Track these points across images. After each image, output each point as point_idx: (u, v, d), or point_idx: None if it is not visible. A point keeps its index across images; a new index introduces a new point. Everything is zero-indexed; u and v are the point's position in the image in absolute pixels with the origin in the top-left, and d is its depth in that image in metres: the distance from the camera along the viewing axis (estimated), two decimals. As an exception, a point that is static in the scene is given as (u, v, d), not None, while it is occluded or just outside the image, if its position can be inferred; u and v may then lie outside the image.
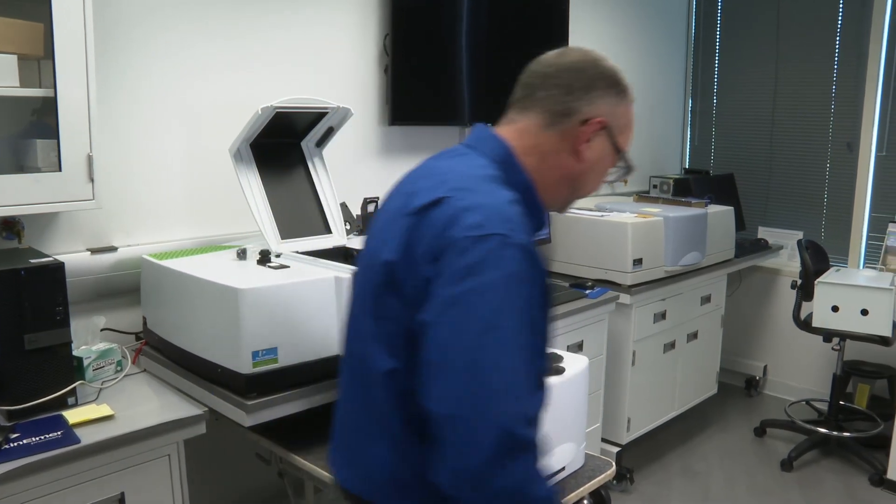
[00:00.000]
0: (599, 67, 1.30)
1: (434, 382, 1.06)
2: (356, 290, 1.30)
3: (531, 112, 1.30)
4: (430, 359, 1.07)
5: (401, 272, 1.13)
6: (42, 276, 1.81)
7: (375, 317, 1.19)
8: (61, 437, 1.70)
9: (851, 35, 4.29)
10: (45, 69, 1.99)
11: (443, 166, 1.26)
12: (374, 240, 1.25)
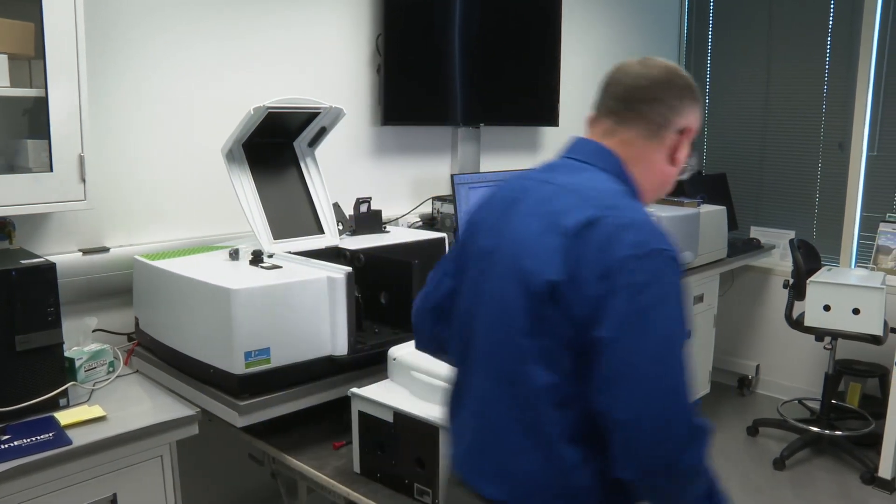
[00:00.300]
0: (685, 79, 1.41)
1: (621, 391, 1.15)
2: (488, 308, 1.32)
3: (632, 124, 1.38)
4: (615, 371, 1.16)
5: (567, 292, 1.19)
6: (33, 277, 1.81)
7: (532, 334, 1.24)
8: (53, 438, 1.70)
9: (842, 35, 4.31)
10: (36, 69, 1.98)
11: (575, 183, 1.32)
12: (514, 259, 1.28)
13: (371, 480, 1.83)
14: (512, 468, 1.28)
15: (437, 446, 1.66)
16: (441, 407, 1.57)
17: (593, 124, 1.44)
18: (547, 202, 1.30)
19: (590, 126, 1.45)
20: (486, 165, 3.66)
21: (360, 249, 2.34)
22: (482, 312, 1.34)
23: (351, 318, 1.98)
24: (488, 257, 1.35)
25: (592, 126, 1.44)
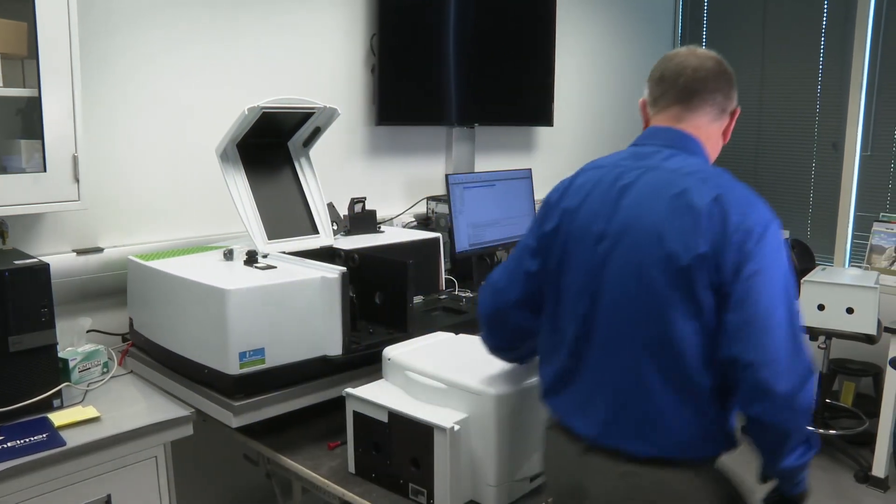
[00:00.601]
0: (729, 68, 1.62)
1: (756, 337, 1.34)
2: (623, 287, 1.45)
3: (699, 111, 1.57)
4: (751, 321, 1.35)
5: (708, 263, 1.37)
6: (27, 278, 1.80)
7: (677, 305, 1.39)
8: (47, 439, 1.70)
9: (836, 36, 4.32)
10: (29, 69, 1.98)
11: (684, 167, 1.48)
12: (651, 239, 1.42)
13: (366, 480, 1.82)
14: (663, 424, 1.43)
15: (431, 446, 1.66)
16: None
17: (660, 112, 1.60)
18: (666, 186, 1.45)
19: (654, 114, 1.62)
20: (480, 165, 3.66)
21: (354, 249, 2.34)
22: (614, 291, 1.45)
23: (345, 318, 1.98)
24: (612, 240, 1.46)
25: (658, 114, 1.61)
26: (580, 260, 1.51)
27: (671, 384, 1.41)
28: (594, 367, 1.50)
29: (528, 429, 1.75)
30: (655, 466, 1.44)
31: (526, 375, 1.78)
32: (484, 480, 1.69)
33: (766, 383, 1.33)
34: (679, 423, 1.43)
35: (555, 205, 1.60)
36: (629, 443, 1.46)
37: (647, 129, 1.62)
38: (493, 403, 1.66)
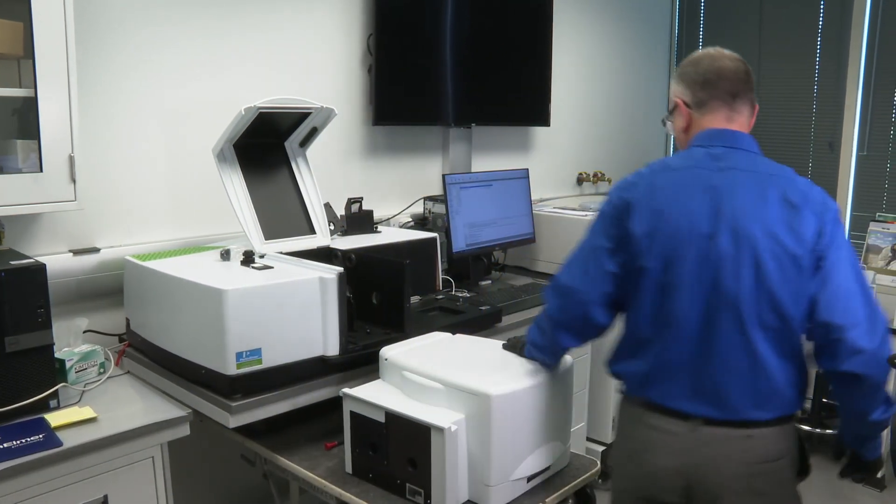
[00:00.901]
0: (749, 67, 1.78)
1: (849, 304, 1.58)
2: (742, 277, 1.60)
3: (741, 111, 1.73)
4: (843, 291, 1.59)
5: (813, 250, 1.60)
6: (23, 278, 1.79)
7: (798, 279, 1.60)
8: (43, 440, 1.69)
9: (832, 36, 4.33)
10: (25, 69, 1.97)
11: (768, 168, 1.67)
12: (768, 236, 1.60)
13: (363, 480, 1.83)
14: (777, 391, 1.63)
15: (428, 446, 1.66)
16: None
17: (707, 113, 1.74)
18: (757, 185, 1.63)
19: (700, 115, 1.74)
20: (477, 165, 3.66)
21: (351, 249, 2.34)
22: (734, 283, 1.60)
23: (342, 318, 1.99)
24: (725, 236, 1.60)
25: (706, 115, 1.74)
26: (693, 256, 1.62)
27: (783, 355, 1.62)
28: (710, 350, 1.63)
29: (525, 429, 1.75)
30: (769, 426, 1.65)
31: (523, 376, 1.78)
32: (481, 480, 1.69)
33: (857, 342, 1.56)
34: (787, 387, 1.64)
35: (634, 207, 1.66)
36: (748, 412, 1.63)
37: (707, 132, 1.73)
38: (491, 404, 1.66)
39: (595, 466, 1.94)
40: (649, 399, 1.71)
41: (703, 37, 4.91)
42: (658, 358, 1.68)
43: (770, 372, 1.62)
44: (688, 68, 1.77)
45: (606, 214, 1.72)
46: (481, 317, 2.51)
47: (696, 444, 1.65)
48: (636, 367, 1.72)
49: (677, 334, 1.64)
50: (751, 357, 1.61)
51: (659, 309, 1.66)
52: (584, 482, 1.89)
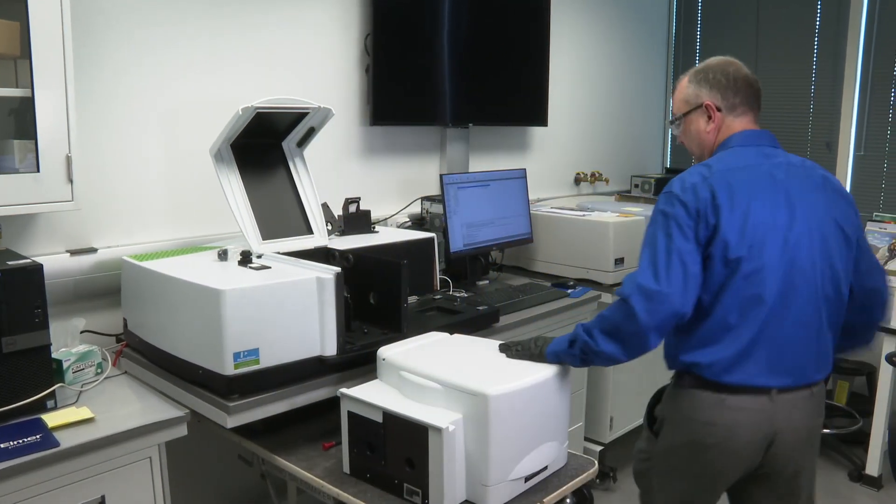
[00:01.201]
0: None
1: (879, 272, 1.98)
2: (815, 258, 1.84)
3: (758, 113, 2.02)
4: (873, 263, 1.98)
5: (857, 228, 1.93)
6: (20, 278, 1.78)
7: (849, 256, 1.90)
8: (40, 440, 1.68)
9: (829, 36, 4.34)
10: (22, 69, 1.97)
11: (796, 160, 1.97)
12: (833, 223, 1.87)
13: (360, 481, 1.82)
14: (829, 354, 1.90)
15: (426, 446, 1.66)
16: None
17: (739, 116, 1.97)
18: (810, 178, 1.90)
19: (733, 118, 1.97)
20: (475, 165, 3.66)
21: (349, 250, 2.33)
22: (807, 267, 1.82)
23: (340, 318, 1.98)
24: (800, 224, 1.82)
25: (738, 118, 1.97)
26: (777, 243, 1.79)
27: (835, 324, 1.90)
28: (785, 325, 1.81)
29: (523, 429, 1.75)
30: (819, 385, 1.92)
31: (520, 376, 1.78)
32: (479, 480, 1.69)
33: (888, 298, 1.99)
34: (831, 350, 1.91)
35: (721, 207, 1.78)
36: (813, 375, 1.88)
37: (749, 133, 1.96)
38: (488, 404, 1.65)
39: (593, 466, 1.94)
40: (733, 383, 1.82)
41: (701, 37, 4.92)
42: (742, 340, 1.80)
43: (826, 338, 1.88)
44: (716, 75, 1.94)
45: (682, 216, 1.79)
46: (479, 317, 2.50)
47: (775, 413, 1.84)
48: (720, 353, 1.82)
49: (761, 316, 1.79)
50: (817, 325, 1.85)
51: (745, 295, 1.79)
52: (581, 482, 1.89)
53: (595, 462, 1.96)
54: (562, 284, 3.21)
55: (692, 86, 1.98)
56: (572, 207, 3.72)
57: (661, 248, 1.79)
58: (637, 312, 1.74)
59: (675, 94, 2.06)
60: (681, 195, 1.81)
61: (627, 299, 1.76)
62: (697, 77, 1.97)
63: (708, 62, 1.99)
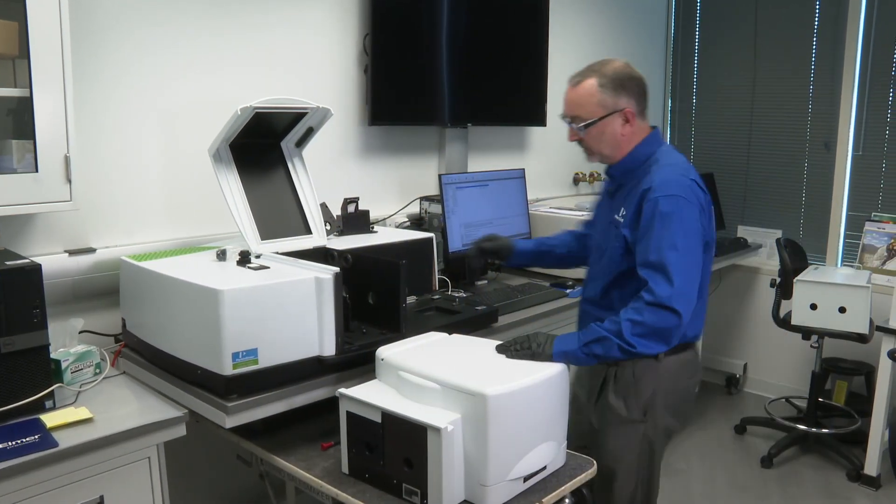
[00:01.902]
0: None
1: None
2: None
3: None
4: None
5: None
6: (18, 278, 1.78)
7: None
8: (38, 440, 1.68)
9: (828, 36, 4.34)
10: (20, 69, 1.96)
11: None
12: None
13: (359, 481, 1.82)
14: None
15: (425, 446, 1.66)
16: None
17: (644, 120, 2.14)
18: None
19: (641, 122, 2.13)
20: (473, 165, 3.66)
21: (347, 250, 2.33)
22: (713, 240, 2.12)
23: (339, 318, 1.98)
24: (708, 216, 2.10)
25: (644, 121, 2.14)
26: (713, 220, 2.12)
27: None
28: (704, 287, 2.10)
29: (522, 429, 1.74)
30: None
31: (519, 376, 1.78)
32: (478, 480, 1.69)
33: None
34: None
35: (704, 201, 2.05)
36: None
37: (657, 131, 2.17)
38: (487, 403, 1.65)
39: (591, 466, 1.93)
40: (695, 335, 2.17)
41: (700, 37, 4.92)
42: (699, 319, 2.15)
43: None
44: (631, 82, 2.07)
45: (696, 218, 2.00)
46: (477, 317, 2.50)
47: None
48: (691, 328, 2.09)
49: (706, 280, 2.11)
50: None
51: (708, 270, 2.12)
52: (580, 482, 1.88)
53: (594, 462, 1.96)
54: (560, 284, 3.20)
55: (607, 92, 2.06)
56: (571, 207, 3.72)
57: (686, 252, 1.96)
58: (682, 315, 1.93)
59: (581, 97, 2.11)
60: (689, 197, 1.99)
61: (671, 306, 1.92)
62: (613, 84, 2.06)
63: (614, 67, 2.09)
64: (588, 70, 2.12)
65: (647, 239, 1.98)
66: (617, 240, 2.09)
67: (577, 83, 2.12)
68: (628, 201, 2.08)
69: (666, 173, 2.02)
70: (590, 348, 1.95)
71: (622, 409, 2.14)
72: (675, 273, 1.92)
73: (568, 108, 2.16)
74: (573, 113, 2.13)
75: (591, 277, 2.27)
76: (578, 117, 2.11)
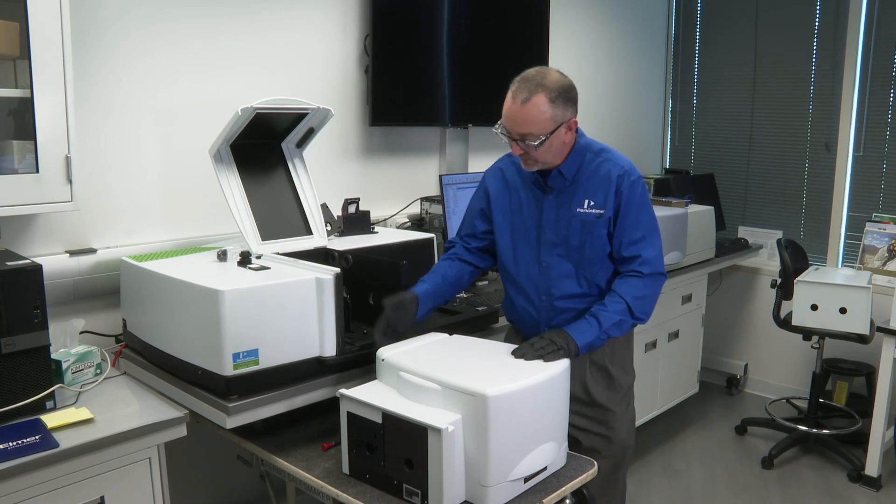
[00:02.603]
0: None
1: None
2: None
3: None
4: None
5: None
6: (19, 279, 1.78)
7: None
8: (39, 441, 1.68)
9: (828, 36, 4.33)
10: (21, 69, 1.96)
11: None
12: None
13: (360, 481, 1.82)
14: None
15: (425, 447, 1.66)
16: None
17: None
18: None
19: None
20: (474, 166, 3.65)
21: (348, 250, 2.33)
22: None
23: (339, 319, 1.98)
24: None
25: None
26: None
27: None
28: None
29: (523, 429, 1.74)
30: None
31: (519, 376, 1.78)
32: (478, 481, 1.69)
33: None
34: None
35: None
36: None
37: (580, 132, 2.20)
38: (488, 404, 1.65)
39: (592, 467, 1.93)
40: None
41: (700, 36, 4.91)
42: None
43: None
44: (572, 91, 2.08)
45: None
46: (478, 317, 2.50)
47: None
48: None
49: None
50: None
51: None
52: (580, 483, 1.88)
53: (594, 462, 1.95)
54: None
55: (558, 106, 2.03)
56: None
57: (655, 221, 2.20)
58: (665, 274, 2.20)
59: (532, 115, 2.02)
60: (640, 177, 2.20)
61: (662, 272, 2.17)
62: (562, 97, 2.04)
63: (556, 79, 2.06)
64: (532, 85, 2.04)
65: (629, 217, 2.13)
66: (600, 227, 2.14)
67: (526, 100, 2.01)
68: (591, 191, 2.15)
69: (623, 158, 2.21)
70: (608, 333, 2.09)
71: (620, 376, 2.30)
72: (656, 241, 2.17)
73: (517, 125, 2.04)
74: (524, 131, 2.03)
75: (562, 275, 2.19)
76: (530, 134, 2.03)
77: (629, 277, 2.14)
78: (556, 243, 2.18)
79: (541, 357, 1.91)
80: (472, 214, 2.35)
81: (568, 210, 2.17)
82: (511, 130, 2.06)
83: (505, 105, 2.08)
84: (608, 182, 2.14)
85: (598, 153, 2.20)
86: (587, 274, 2.18)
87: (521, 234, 2.24)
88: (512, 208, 2.25)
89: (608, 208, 2.14)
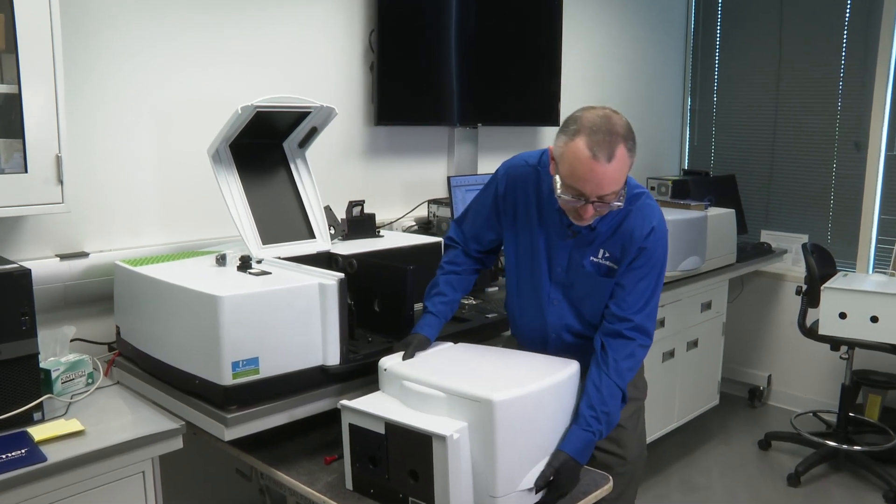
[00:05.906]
0: None
1: None
2: None
3: None
4: None
5: None
6: (6, 284, 1.76)
7: None
8: (26, 454, 1.65)
9: (859, 27, 4.25)
10: (7, 63, 1.94)
11: None
12: None
13: (364, 497, 1.80)
14: None
15: (430, 456, 1.65)
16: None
17: None
18: None
19: None
20: (483, 167, 3.62)
21: (352, 255, 2.34)
22: None
23: (343, 326, 1.97)
24: None
25: None
26: None
27: None
28: None
29: (532, 436, 1.74)
30: None
31: (527, 380, 1.77)
32: (486, 491, 1.67)
33: None
34: None
35: None
36: None
37: None
38: (494, 410, 1.63)
39: (607, 482, 1.90)
40: None
41: (721, 33, 4.87)
42: None
43: None
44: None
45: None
46: (487, 325, 2.48)
47: None
48: None
49: None
50: None
51: None
52: (596, 498, 1.86)
53: (609, 477, 1.93)
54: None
55: (632, 154, 1.84)
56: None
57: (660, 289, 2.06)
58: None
59: (620, 171, 1.83)
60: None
61: (647, 346, 2.01)
62: (634, 142, 1.86)
63: (624, 123, 1.87)
64: (610, 137, 1.82)
65: (642, 279, 1.99)
66: (610, 280, 2.02)
67: (611, 157, 1.80)
68: (612, 242, 2.01)
69: (654, 208, 2.00)
70: (607, 428, 1.91)
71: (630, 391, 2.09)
72: (656, 305, 2.03)
73: (601, 188, 1.82)
74: (613, 189, 1.84)
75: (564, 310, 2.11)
76: (617, 192, 1.85)
77: (626, 343, 1.97)
78: (562, 284, 2.09)
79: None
80: (480, 219, 2.23)
81: (581, 255, 2.04)
82: (590, 194, 1.82)
83: (578, 167, 1.82)
84: (631, 239, 1.97)
85: (629, 199, 1.96)
86: (589, 316, 2.09)
87: (526, 261, 2.13)
88: (518, 232, 2.13)
89: (623, 263, 2.00)
